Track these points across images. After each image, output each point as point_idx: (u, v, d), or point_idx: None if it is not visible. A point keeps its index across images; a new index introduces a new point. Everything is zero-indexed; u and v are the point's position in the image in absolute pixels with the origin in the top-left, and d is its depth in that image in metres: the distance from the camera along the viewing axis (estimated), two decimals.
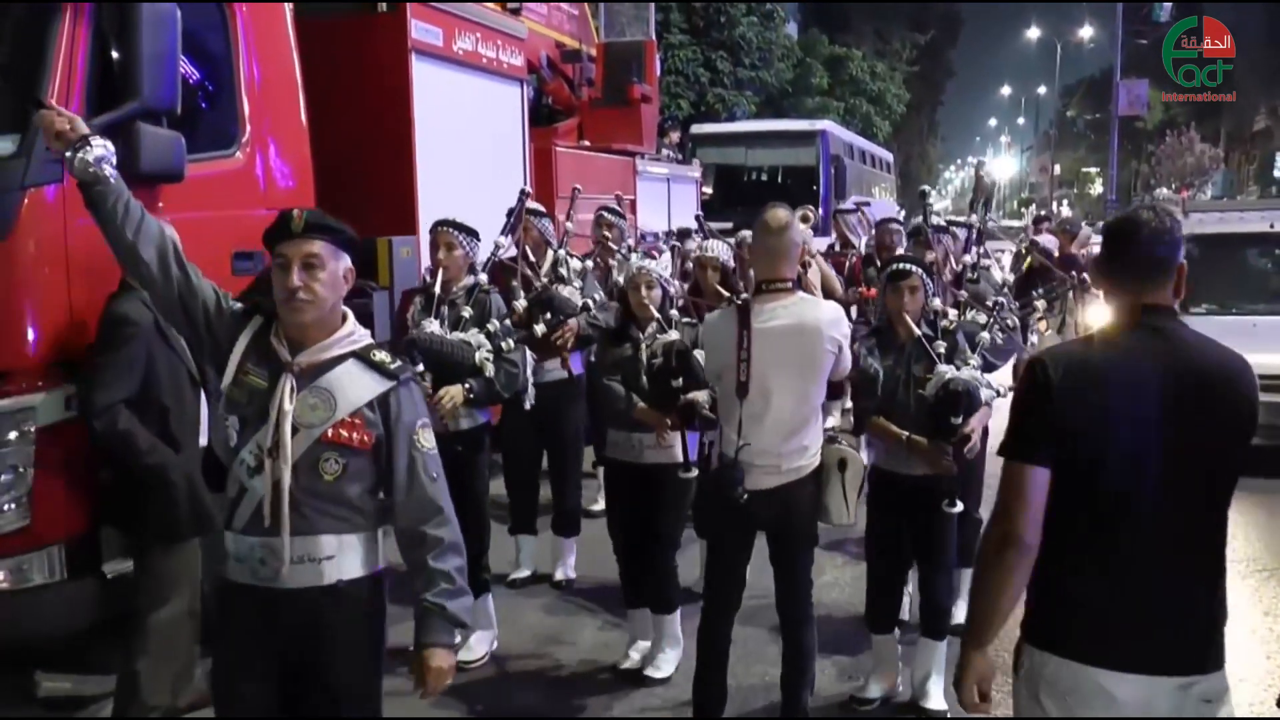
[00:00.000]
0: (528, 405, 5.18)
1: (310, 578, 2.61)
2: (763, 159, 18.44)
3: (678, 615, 4.67)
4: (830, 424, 5.21)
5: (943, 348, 4.22)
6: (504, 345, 4.58)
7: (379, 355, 2.72)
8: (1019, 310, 5.79)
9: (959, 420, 4.06)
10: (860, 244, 8.57)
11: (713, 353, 3.95)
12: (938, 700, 4.34)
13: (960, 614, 4.30)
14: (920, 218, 6.16)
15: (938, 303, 4.45)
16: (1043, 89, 70.77)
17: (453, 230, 4.67)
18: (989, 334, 4.66)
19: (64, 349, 3.74)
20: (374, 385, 2.66)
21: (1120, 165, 39.40)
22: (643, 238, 9.69)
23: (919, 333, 4.26)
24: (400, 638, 3.00)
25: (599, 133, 10.34)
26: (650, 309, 4.49)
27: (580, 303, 5.34)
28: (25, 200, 3.64)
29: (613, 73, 10.85)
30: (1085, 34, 48.66)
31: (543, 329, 5.14)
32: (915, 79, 43.07)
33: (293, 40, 4.94)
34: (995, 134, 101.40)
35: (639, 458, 4.52)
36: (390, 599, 2.81)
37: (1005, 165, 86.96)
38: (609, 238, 6.70)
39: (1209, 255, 9.59)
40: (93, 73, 3.84)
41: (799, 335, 3.72)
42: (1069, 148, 65.14)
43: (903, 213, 19.01)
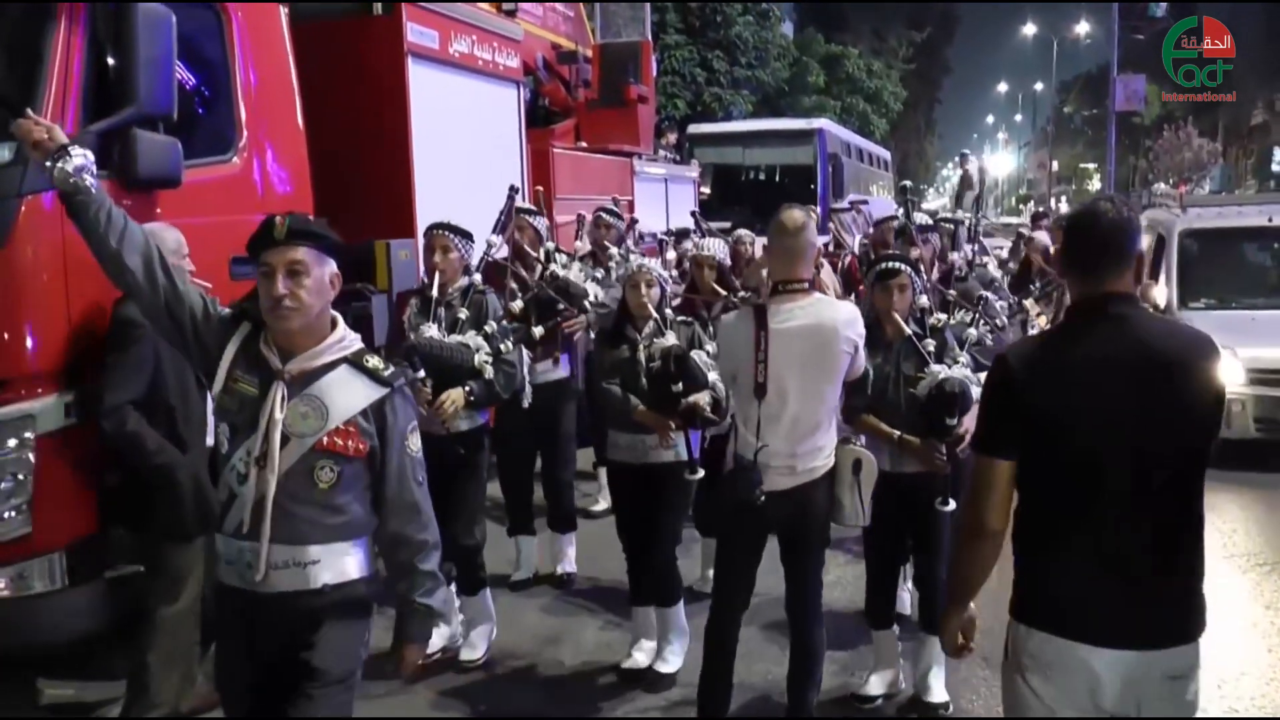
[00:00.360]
0: (525, 404, 5.21)
1: (296, 582, 2.62)
2: (760, 158, 18.42)
3: (681, 605, 4.69)
4: None
5: (932, 346, 4.22)
6: (502, 347, 4.59)
7: (371, 361, 2.72)
8: (1009, 311, 5.80)
9: (954, 421, 4.06)
10: (853, 244, 8.57)
11: (728, 354, 3.91)
12: (939, 693, 4.36)
13: None
14: (903, 213, 6.14)
15: (925, 300, 4.44)
16: (1040, 85, 71.01)
17: (447, 233, 4.68)
18: (975, 330, 4.66)
19: (63, 356, 3.73)
20: (367, 392, 2.67)
21: (1118, 161, 39.35)
22: (641, 238, 9.68)
23: (908, 331, 4.26)
24: (378, 642, 3.00)
25: (596, 134, 10.36)
26: (649, 308, 4.50)
27: (590, 291, 5.41)
28: (23, 208, 3.63)
29: (609, 73, 10.87)
30: (1081, 30, 48.64)
31: (541, 330, 5.15)
32: (912, 77, 43.14)
33: (288, 44, 4.93)
34: (993, 131, 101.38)
35: (643, 458, 4.53)
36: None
37: (1003, 162, 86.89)
38: (606, 238, 6.72)
39: (1207, 250, 9.61)
40: (88, 78, 3.83)
41: (816, 336, 3.70)
42: (1066, 144, 65.12)
43: (901, 211, 18.97)
